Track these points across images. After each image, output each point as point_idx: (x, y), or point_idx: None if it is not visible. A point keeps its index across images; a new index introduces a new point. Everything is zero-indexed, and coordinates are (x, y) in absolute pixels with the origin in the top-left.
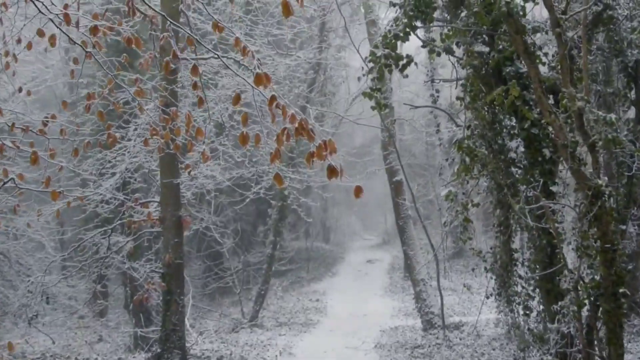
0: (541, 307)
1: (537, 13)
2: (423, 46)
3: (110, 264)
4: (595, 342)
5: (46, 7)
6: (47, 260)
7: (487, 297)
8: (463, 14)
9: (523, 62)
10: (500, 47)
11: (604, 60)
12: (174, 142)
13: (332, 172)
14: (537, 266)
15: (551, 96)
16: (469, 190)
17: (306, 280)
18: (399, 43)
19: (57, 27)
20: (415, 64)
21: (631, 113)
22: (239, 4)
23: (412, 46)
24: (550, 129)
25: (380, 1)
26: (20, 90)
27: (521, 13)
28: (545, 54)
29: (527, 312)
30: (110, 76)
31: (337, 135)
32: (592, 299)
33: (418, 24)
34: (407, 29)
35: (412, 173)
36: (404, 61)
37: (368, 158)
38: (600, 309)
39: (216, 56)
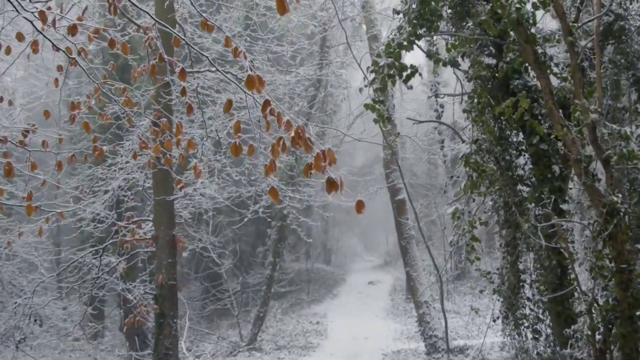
0: (549, 330)
1: (543, 25)
2: (428, 56)
3: (103, 285)
4: None
5: (21, 5)
6: (40, 281)
7: (494, 320)
8: (469, 24)
9: (531, 74)
10: (508, 59)
11: (614, 73)
12: (164, 156)
13: (331, 185)
14: (547, 288)
15: (560, 110)
16: (474, 208)
17: (306, 302)
18: (402, 54)
19: (38, 31)
20: (420, 74)
21: None
22: (239, 21)
23: (414, 62)
24: (560, 144)
25: (383, 14)
26: (1, 99)
27: (531, 21)
28: (557, 64)
29: (536, 335)
30: (97, 85)
31: (338, 154)
32: (605, 322)
33: (423, 32)
34: (412, 38)
35: (414, 193)
36: (408, 71)
37: (369, 177)
38: (614, 332)
39: (212, 69)
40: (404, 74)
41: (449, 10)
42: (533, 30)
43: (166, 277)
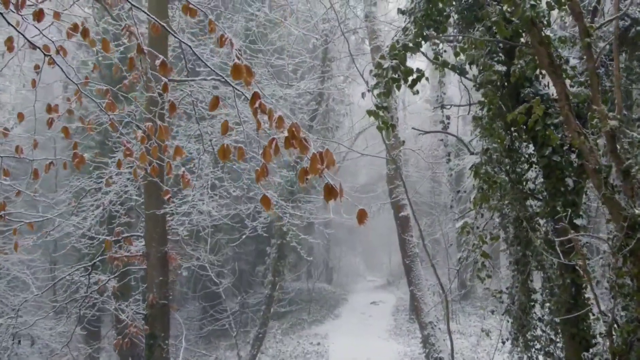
0: (561, 353)
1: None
2: (434, 60)
3: (94, 304)
4: None
5: None
6: (33, 300)
7: (503, 342)
8: (479, 28)
9: (542, 83)
10: (519, 65)
11: (629, 82)
12: (151, 165)
13: (329, 192)
14: (560, 308)
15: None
16: (482, 223)
17: (307, 322)
18: (407, 57)
19: (8, 23)
20: (427, 78)
21: None
22: (238, 34)
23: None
24: (574, 156)
25: (385, 23)
26: None
27: (545, 21)
28: (573, 68)
29: (548, 358)
30: (77, 86)
31: (340, 171)
32: (626, 345)
33: (429, 33)
34: (418, 39)
35: (418, 211)
36: (414, 76)
37: (373, 194)
38: (635, 356)
39: (208, 76)
40: (410, 78)
41: (456, 16)
42: (547, 32)
43: (157, 296)
